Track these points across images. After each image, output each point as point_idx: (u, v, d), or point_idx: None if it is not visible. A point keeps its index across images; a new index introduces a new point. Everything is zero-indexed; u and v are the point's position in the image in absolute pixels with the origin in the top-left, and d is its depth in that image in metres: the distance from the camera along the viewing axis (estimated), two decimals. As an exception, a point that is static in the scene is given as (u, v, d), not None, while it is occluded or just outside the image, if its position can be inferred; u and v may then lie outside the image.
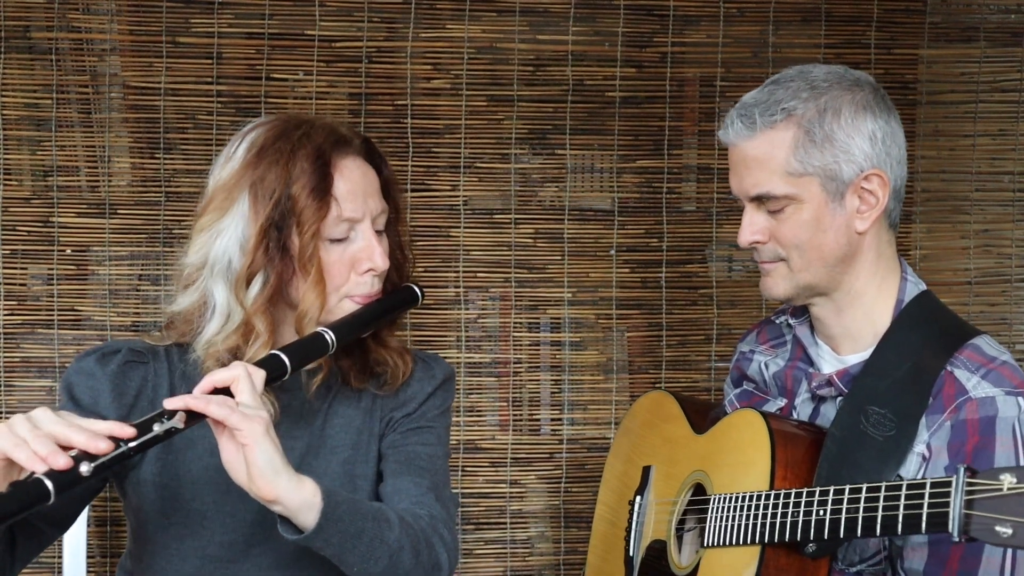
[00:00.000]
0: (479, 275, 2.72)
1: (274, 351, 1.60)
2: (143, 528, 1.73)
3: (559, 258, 2.73)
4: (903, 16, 2.78)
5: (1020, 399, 1.66)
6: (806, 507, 1.61)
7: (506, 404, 2.72)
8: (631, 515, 2.06)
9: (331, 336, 1.65)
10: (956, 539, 1.38)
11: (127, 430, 1.42)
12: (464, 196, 2.70)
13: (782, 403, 1.92)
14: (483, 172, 2.71)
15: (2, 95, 2.55)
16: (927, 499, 1.44)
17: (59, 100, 2.56)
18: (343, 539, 1.52)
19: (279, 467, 1.47)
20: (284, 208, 1.65)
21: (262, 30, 2.61)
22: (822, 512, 1.58)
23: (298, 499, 1.48)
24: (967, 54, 2.79)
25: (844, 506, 1.56)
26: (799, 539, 1.62)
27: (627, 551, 2.04)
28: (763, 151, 1.75)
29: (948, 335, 1.77)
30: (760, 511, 1.67)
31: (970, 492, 1.37)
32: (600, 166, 2.74)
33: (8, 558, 1.60)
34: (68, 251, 2.58)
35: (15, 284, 2.57)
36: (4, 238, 2.56)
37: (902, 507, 1.47)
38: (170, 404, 1.46)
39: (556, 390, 2.74)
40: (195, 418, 1.46)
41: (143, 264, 2.60)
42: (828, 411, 1.83)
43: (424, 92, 2.67)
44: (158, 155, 2.60)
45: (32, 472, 1.35)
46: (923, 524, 1.44)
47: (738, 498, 1.72)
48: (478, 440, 2.72)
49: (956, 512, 1.38)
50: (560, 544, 2.74)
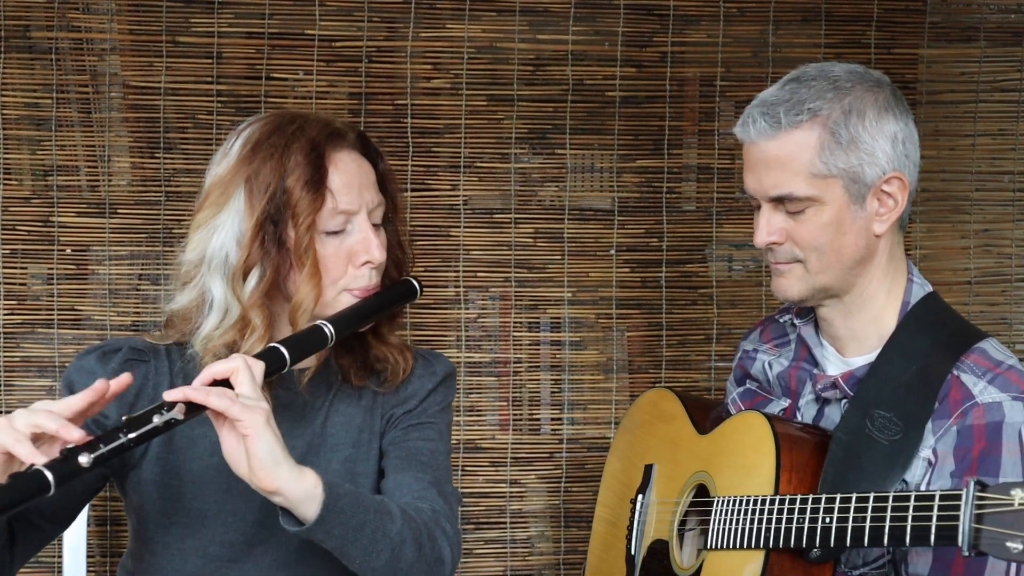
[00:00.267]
0: (479, 275, 2.71)
1: (273, 344, 1.61)
2: (144, 528, 1.72)
3: (559, 258, 2.73)
4: (903, 16, 2.78)
5: None
6: (812, 514, 1.60)
7: (506, 404, 2.72)
8: (633, 514, 2.05)
9: (330, 329, 1.65)
10: (966, 553, 1.37)
11: (124, 379, 1.49)
12: (464, 196, 2.69)
13: (785, 403, 1.92)
14: (483, 172, 2.70)
15: (2, 95, 2.55)
16: (936, 511, 1.43)
17: (59, 100, 2.56)
18: (345, 531, 1.52)
19: (280, 458, 1.47)
20: (279, 201, 1.66)
21: (262, 30, 2.61)
22: (828, 520, 1.57)
23: (299, 490, 1.48)
24: (967, 54, 2.79)
25: (851, 515, 1.54)
26: (804, 545, 1.61)
27: (628, 550, 2.04)
28: (786, 151, 1.71)
29: (954, 338, 1.76)
30: (765, 515, 1.66)
31: (980, 506, 1.36)
32: (600, 166, 2.73)
33: (7, 555, 1.60)
34: (68, 251, 2.58)
35: (15, 284, 2.57)
36: (4, 238, 2.56)
37: (910, 519, 1.46)
38: (170, 396, 1.46)
39: (556, 390, 2.73)
40: (195, 410, 1.46)
41: (143, 264, 2.60)
42: (833, 413, 1.82)
43: (424, 92, 2.67)
44: (158, 155, 2.59)
45: (32, 464, 1.35)
46: (932, 537, 1.43)
47: (743, 501, 1.71)
48: (478, 440, 2.71)
49: (966, 526, 1.37)
50: (560, 544, 2.74)
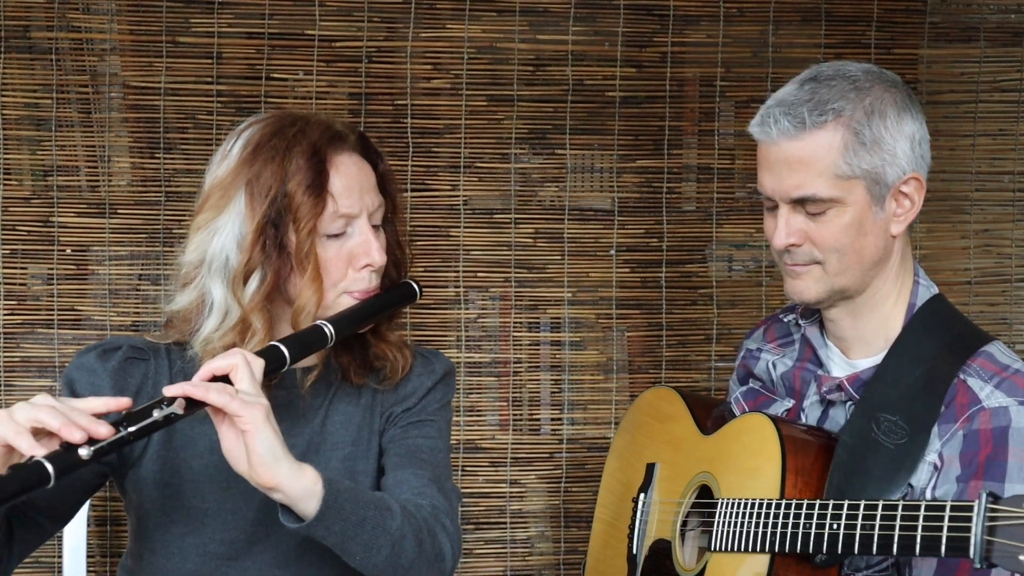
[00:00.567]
0: (479, 275, 2.71)
1: (273, 342, 1.61)
2: (144, 526, 1.72)
3: (559, 258, 2.73)
4: (903, 16, 2.78)
5: None
6: (819, 519, 1.59)
7: (506, 404, 2.72)
8: (635, 512, 2.05)
9: (330, 329, 1.65)
10: (978, 565, 1.37)
11: (124, 401, 1.46)
12: (464, 196, 2.69)
13: (789, 404, 1.91)
14: (483, 172, 2.70)
15: (2, 95, 2.55)
16: (947, 522, 1.42)
17: (59, 100, 2.56)
18: (345, 527, 1.51)
19: (279, 454, 1.47)
20: (280, 205, 1.65)
21: (262, 30, 2.61)
22: (835, 526, 1.56)
23: (299, 486, 1.48)
24: (967, 54, 2.79)
25: (859, 522, 1.54)
26: (811, 551, 1.60)
27: (630, 549, 2.03)
28: (810, 152, 1.69)
29: (960, 341, 1.75)
30: (771, 519, 1.65)
31: (992, 518, 1.36)
32: (600, 166, 2.73)
33: (5, 552, 1.60)
34: (68, 251, 2.58)
35: (15, 284, 2.57)
36: (4, 238, 2.56)
37: (920, 528, 1.45)
38: (169, 391, 1.46)
39: (556, 390, 2.73)
40: (195, 405, 1.46)
41: (143, 264, 2.60)
42: (837, 415, 1.82)
43: (424, 92, 2.67)
44: (158, 155, 2.59)
45: (32, 456, 1.36)
46: (943, 548, 1.42)
47: (748, 504, 1.70)
48: (478, 440, 2.71)
49: (978, 538, 1.37)
50: (560, 544, 2.74)
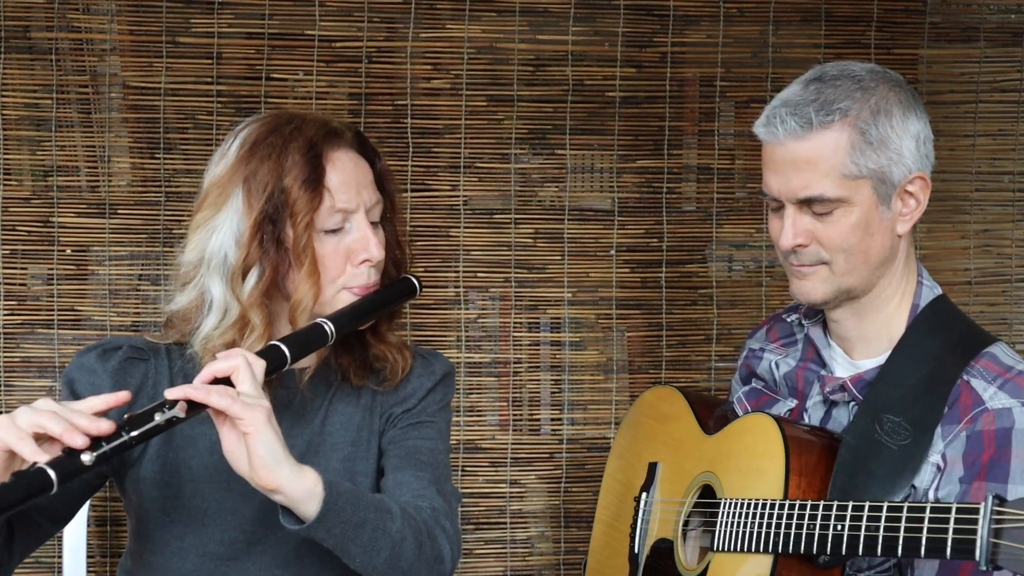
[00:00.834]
0: (479, 275, 2.71)
1: (273, 342, 1.61)
2: (143, 526, 1.72)
3: (559, 258, 2.73)
4: (903, 16, 2.78)
5: None
6: (823, 520, 1.59)
7: (506, 404, 2.72)
8: (636, 512, 2.04)
9: (330, 327, 1.65)
10: (984, 567, 1.36)
11: (123, 396, 1.47)
12: (464, 196, 2.69)
13: (792, 404, 1.91)
14: (483, 172, 2.70)
15: (2, 95, 2.55)
16: (952, 524, 1.42)
17: (59, 100, 2.56)
18: (345, 529, 1.52)
19: (281, 456, 1.47)
20: (277, 201, 1.66)
21: (262, 30, 2.61)
22: (840, 527, 1.56)
23: (300, 488, 1.48)
24: (967, 54, 2.79)
25: (863, 523, 1.54)
26: (815, 551, 1.60)
27: (632, 548, 2.03)
28: (817, 152, 1.69)
29: (964, 342, 1.75)
30: (775, 520, 1.65)
31: (998, 521, 1.36)
32: (600, 166, 2.73)
33: (6, 552, 1.60)
34: (68, 251, 2.58)
35: (15, 284, 2.57)
36: (4, 238, 2.56)
37: (926, 530, 1.45)
38: (171, 394, 1.47)
39: (556, 390, 2.73)
40: (196, 408, 1.46)
41: (143, 264, 2.60)
42: (840, 415, 1.82)
43: (424, 92, 2.67)
44: (158, 155, 2.59)
45: (34, 462, 1.36)
46: (948, 550, 1.42)
47: (751, 505, 1.70)
48: (478, 440, 2.71)
49: (983, 541, 1.37)
50: (560, 544, 2.74)
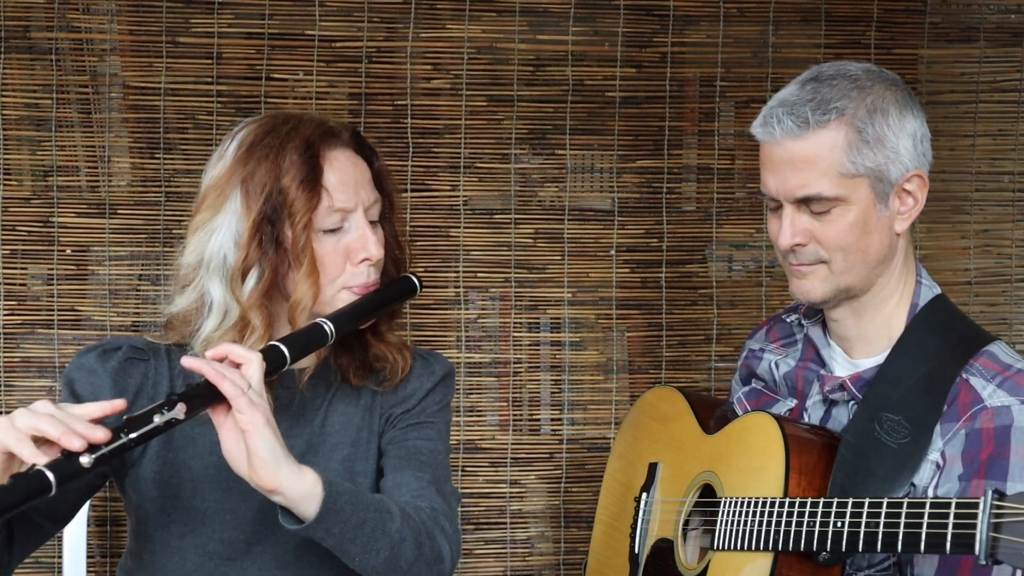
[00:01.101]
0: (479, 275, 2.72)
1: (273, 342, 1.60)
2: (143, 526, 1.72)
3: (559, 258, 2.73)
4: (903, 16, 2.78)
5: None
6: (823, 517, 1.59)
7: (506, 404, 2.72)
8: (636, 512, 2.04)
9: (330, 327, 1.65)
10: (983, 562, 1.37)
11: (119, 403, 1.47)
12: (464, 196, 2.70)
13: (792, 404, 1.91)
14: (483, 172, 2.70)
15: (2, 95, 2.55)
16: (952, 519, 1.42)
17: (59, 100, 2.56)
18: (344, 529, 1.52)
19: (280, 456, 1.47)
20: (276, 201, 1.66)
21: (262, 30, 2.61)
22: (840, 524, 1.57)
23: (299, 489, 1.48)
24: (967, 54, 2.79)
25: (863, 520, 1.54)
26: (815, 549, 1.60)
27: (632, 548, 2.03)
28: (814, 151, 1.69)
29: (963, 341, 1.75)
30: (775, 518, 1.65)
31: (998, 515, 1.36)
32: (600, 166, 2.73)
33: (6, 553, 1.60)
34: (68, 251, 2.58)
35: (15, 284, 2.57)
36: (4, 238, 2.56)
37: (925, 526, 1.46)
38: (187, 362, 1.48)
39: (556, 390, 2.73)
40: (195, 409, 1.46)
41: (143, 264, 2.60)
42: (840, 415, 1.82)
43: (424, 92, 2.67)
44: (158, 155, 2.59)
45: (33, 464, 1.36)
46: (948, 545, 1.42)
47: (751, 503, 1.70)
48: (478, 440, 2.71)
49: (983, 535, 1.37)
50: (560, 544, 2.74)
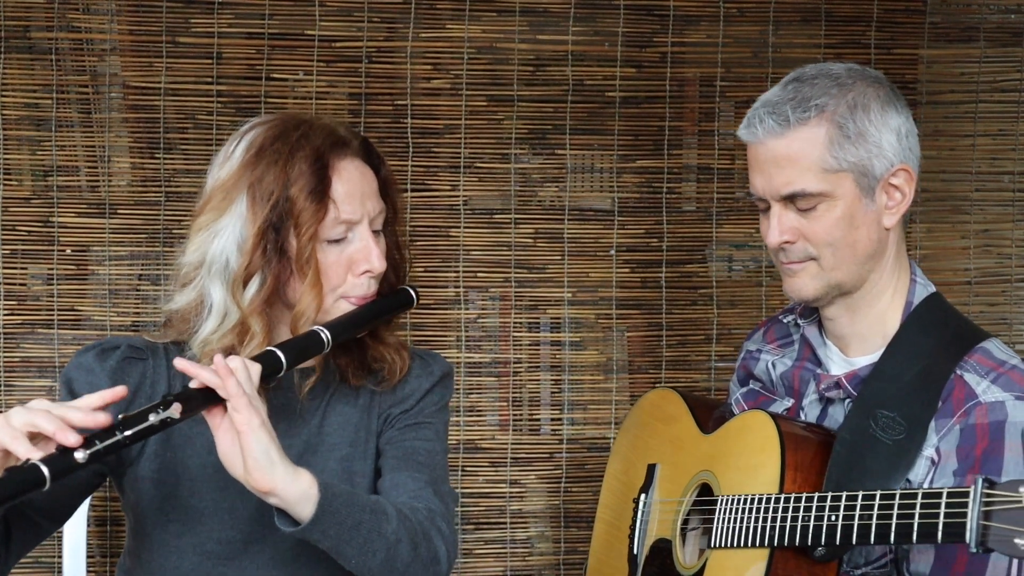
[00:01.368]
0: (479, 275, 2.71)
1: (270, 347, 1.61)
2: (141, 525, 1.73)
3: (559, 258, 2.73)
4: (903, 16, 2.78)
5: None
6: (817, 511, 1.60)
7: (506, 404, 2.72)
8: (635, 513, 2.05)
9: (327, 335, 1.66)
10: (974, 550, 1.37)
11: (119, 391, 1.48)
12: (464, 196, 2.70)
13: (789, 403, 1.92)
14: (483, 172, 2.70)
15: (2, 95, 2.55)
16: (943, 508, 1.43)
17: (59, 100, 2.56)
18: (340, 531, 1.52)
19: (275, 458, 1.47)
20: (282, 210, 1.66)
21: (262, 30, 2.61)
22: (834, 517, 1.57)
23: (295, 491, 1.48)
24: (967, 54, 2.79)
25: (857, 512, 1.54)
26: (810, 543, 1.61)
27: (631, 549, 2.04)
28: (796, 148, 1.72)
29: (957, 338, 1.76)
30: (770, 514, 1.66)
31: (988, 503, 1.37)
32: (600, 166, 2.73)
33: (3, 551, 1.60)
34: (68, 251, 2.58)
35: (15, 284, 2.57)
36: (4, 238, 2.56)
37: (917, 516, 1.46)
38: (180, 365, 1.49)
39: (556, 390, 2.73)
40: (191, 410, 1.47)
41: (143, 264, 2.60)
42: (836, 413, 1.82)
43: (424, 92, 2.67)
44: (158, 155, 2.59)
45: (27, 459, 1.36)
46: (939, 534, 1.43)
47: (747, 500, 1.71)
48: (478, 440, 2.71)
49: (973, 523, 1.37)
50: (560, 544, 2.74)
